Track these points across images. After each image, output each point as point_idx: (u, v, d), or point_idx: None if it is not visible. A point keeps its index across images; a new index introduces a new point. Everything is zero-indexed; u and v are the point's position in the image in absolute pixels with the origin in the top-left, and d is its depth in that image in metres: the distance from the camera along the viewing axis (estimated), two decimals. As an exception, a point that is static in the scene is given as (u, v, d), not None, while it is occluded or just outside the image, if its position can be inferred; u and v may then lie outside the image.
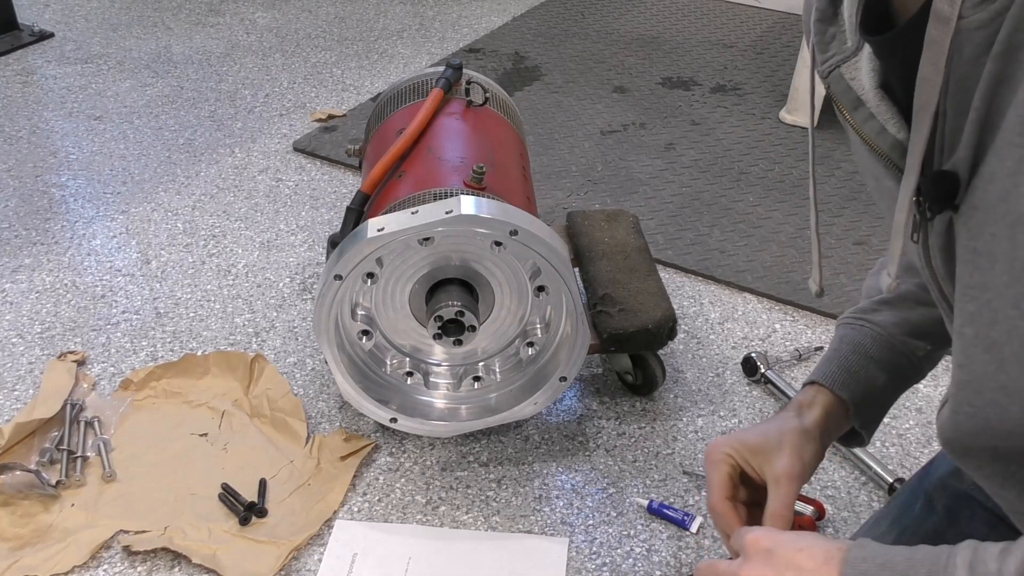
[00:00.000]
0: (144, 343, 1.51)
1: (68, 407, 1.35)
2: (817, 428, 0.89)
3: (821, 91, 0.79)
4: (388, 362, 1.28)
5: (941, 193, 0.59)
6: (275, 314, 1.58)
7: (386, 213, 1.16)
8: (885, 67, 0.65)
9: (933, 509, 0.97)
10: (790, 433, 0.87)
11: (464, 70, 1.45)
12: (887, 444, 1.35)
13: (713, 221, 1.83)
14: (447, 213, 1.09)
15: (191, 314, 1.58)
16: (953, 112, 0.57)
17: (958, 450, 0.70)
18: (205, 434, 1.34)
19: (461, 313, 1.15)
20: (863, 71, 0.66)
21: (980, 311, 0.58)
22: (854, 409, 0.91)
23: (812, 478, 1.29)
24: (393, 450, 1.33)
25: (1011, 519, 0.73)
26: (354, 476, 1.27)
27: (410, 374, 1.29)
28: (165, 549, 1.16)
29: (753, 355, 1.45)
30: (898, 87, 0.64)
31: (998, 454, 0.66)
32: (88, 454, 1.29)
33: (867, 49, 0.65)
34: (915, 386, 0.98)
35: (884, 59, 0.64)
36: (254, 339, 1.52)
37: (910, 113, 0.62)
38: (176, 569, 1.15)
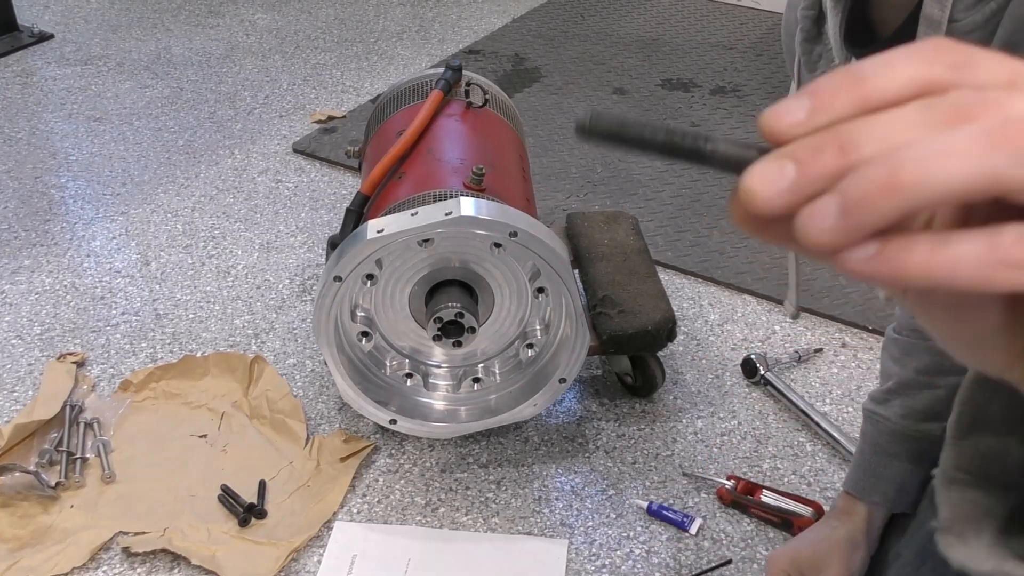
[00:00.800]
0: (143, 344, 1.51)
1: (67, 408, 1.35)
2: (861, 534, 1.01)
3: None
4: (388, 363, 1.28)
5: None
6: (275, 315, 1.58)
7: (386, 214, 1.16)
8: None
9: (934, 511, 0.97)
10: (837, 544, 1.00)
11: (464, 71, 1.45)
12: (887, 446, 1.35)
13: (713, 223, 1.83)
14: (447, 215, 1.09)
15: (191, 315, 1.58)
16: None
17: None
18: (204, 435, 1.34)
19: (461, 315, 1.15)
20: None
21: None
22: (890, 506, 1.01)
23: (812, 479, 1.29)
24: (392, 451, 1.33)
25: None
26: (353, 477, 1.27)
27: (409, 375, 1.29)
28: (164, 550, 1.16)
29: (753, 357, 1.45)
30: None
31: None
32: (87, 455, 1.29)
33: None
34: None
35: None
36: (253, 340, 1.52)
37: None
38: (175, 570, 1.15)
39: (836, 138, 0.28)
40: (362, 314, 1.23)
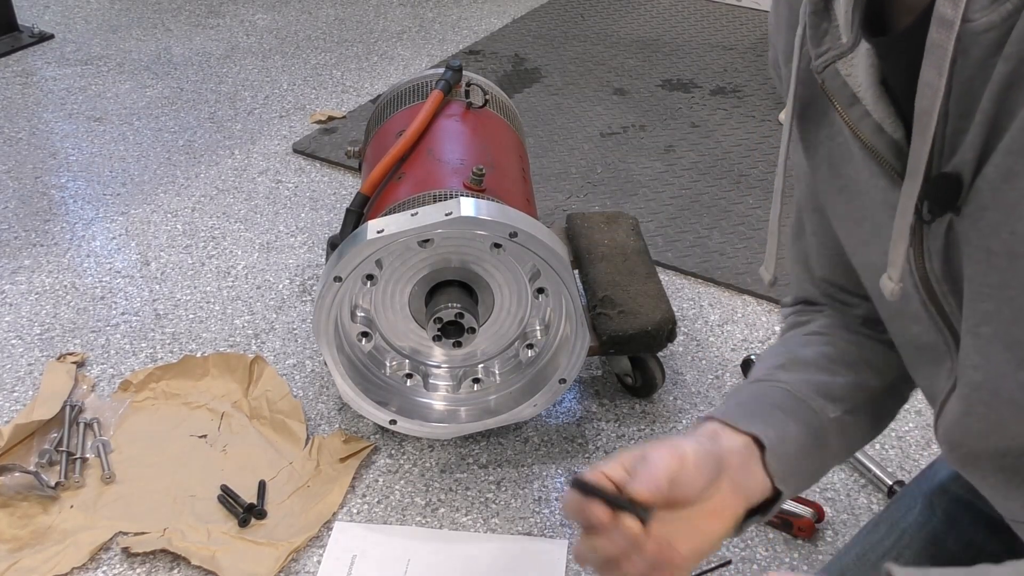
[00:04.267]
0: (143, 344, 1.51)
1: (67, 408, 1.35)
2: (691, 435, 0.75)
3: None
4: (387, 364, 1.28)
5: (945, 196, 0.59)
6: (274, 316, 1.58)
7: (386, 215, 1.16)
8: (884, 66, 0.64)
9: (933, 513, 0.96)
10: (664, 440, 0.71)
11: (464, 72, 1.45)
12: (886, 447, 1.35)
13: (713, 223, 1.83)
14: (447, 215, 1.09)
15: (190, 316, 1.58)
16: (956, 115, 0.57)
17: (963, 456, 0.70)
18: (204, 436, 1.34)
19: (460, 315, 1.15)
20: (860, 67, 0.65)
21: (1000, 309, 0.58)
22: (769, 451, 0.74)
23: (811, 480, 1.29)
24: (392, 452, 1.33)
25: (1012, 527, 0.73)
26: (353, 478, 1.27)
27: (409, 376, 1.29)
28: (164, 551, 1.16)
29: (753, 357, 1.45)
30: (897, 86, 0.64)
31: (1005, 463, 0.66)
32: (87, 455, 1.29)
33: (864, 45, 0.64)
34: (915, 389, 0.97)
35: (884, 59, 0.64)
36: (253, 341, 1.52)
37: (907, 113, 0.61)
38: (175, 571, 1.15)
39: None
40: (362, 314, 1.23)
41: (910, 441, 1.36)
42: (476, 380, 1.30)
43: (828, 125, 0.74)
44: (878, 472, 1.28)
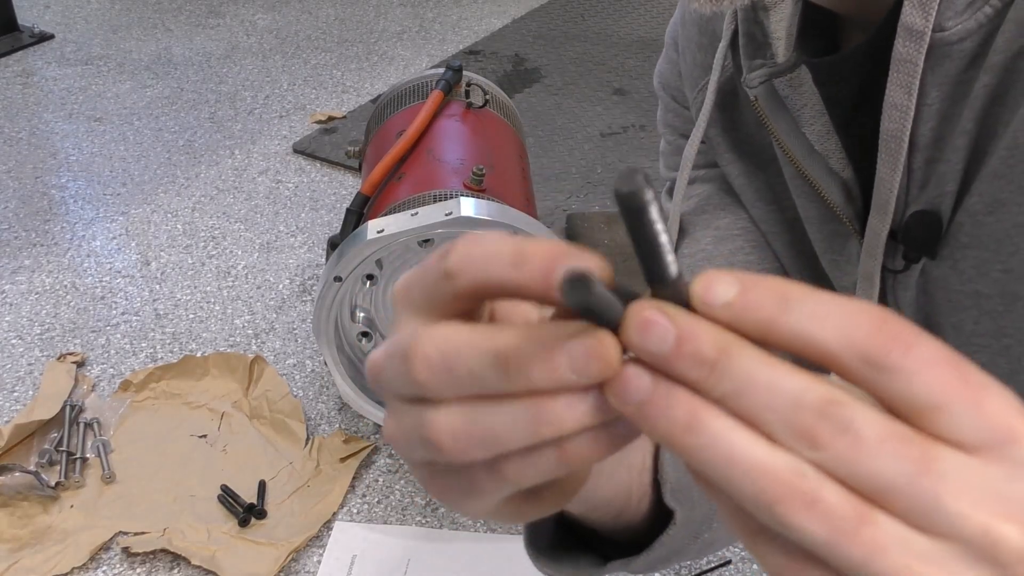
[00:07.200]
0: (144, 344, 1.51)
1: (67, 408, 1.35)
2: None
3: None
4: (387, 364, 1.28)
5: (922, 239, 0.52)
6: (275, 316, 1.58)
7: (386, 215, 1.16)
8: (824, 92, 0.56)
9: None
10: None
11: (464, 72, 1.45)
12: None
13: (713, 223, 1.83)
14: (447, 215, 1.10)
15: (191, 315, 1.58)
16: (926, 141, 0.50)
17: None
18: (204, 435, 1.34)
19: (461, 315, 1.15)
20: (807, 91, 0.57)
21: (995, 361, 0.51)
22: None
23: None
24: (392, 452, 1.33)
25: None
26: (353, 478, 1.27)
27: (409, 376, 1.29)
28: (164, 550, 1.16)
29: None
30: (839, 115, 0.56)
31: None
32: (87, 455, 1.29)
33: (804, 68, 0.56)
34: None
35: (823, 84, 0.56)
36: (254, 340, 1.52)
37: (853, 147, 0.55)
38: (175, 570, 1.15)
39: (713, 350, 0.27)
40: (362, 314, 1.23)
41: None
42: (476, 380, 1.30)
43: (758, 152, 0.64)
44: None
